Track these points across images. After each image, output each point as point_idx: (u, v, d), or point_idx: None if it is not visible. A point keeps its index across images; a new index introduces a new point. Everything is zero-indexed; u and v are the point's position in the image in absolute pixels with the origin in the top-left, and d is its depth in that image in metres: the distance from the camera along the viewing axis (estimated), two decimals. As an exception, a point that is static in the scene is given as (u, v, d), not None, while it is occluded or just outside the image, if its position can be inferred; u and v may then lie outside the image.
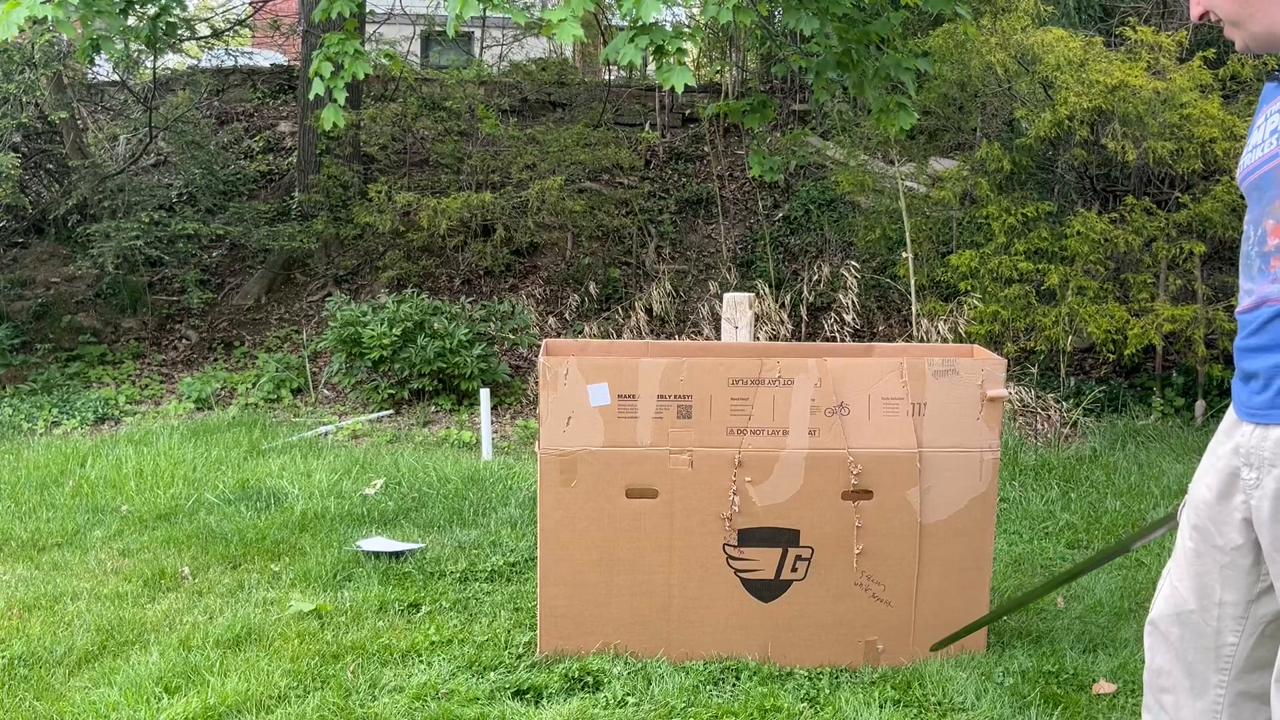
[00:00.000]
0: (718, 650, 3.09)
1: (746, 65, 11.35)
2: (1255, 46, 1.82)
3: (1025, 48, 6.66)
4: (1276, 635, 1.92)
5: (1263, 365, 1.79)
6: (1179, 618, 1.99)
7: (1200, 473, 1.98)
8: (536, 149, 9.02)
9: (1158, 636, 2.04)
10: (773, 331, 7.06)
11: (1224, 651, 1.95)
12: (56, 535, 4.27)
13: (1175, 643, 2.00)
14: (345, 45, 4.73)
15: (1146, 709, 2.11)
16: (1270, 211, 1.77)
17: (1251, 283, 1.83)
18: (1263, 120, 1.83)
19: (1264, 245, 1.79)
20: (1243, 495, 1.85)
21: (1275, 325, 1.78)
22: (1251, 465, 1.81)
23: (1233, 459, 1.86)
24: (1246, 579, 1.90)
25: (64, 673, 3.02)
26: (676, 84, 4.17)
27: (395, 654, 3.13)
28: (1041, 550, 4.18)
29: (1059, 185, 7.37)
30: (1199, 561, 1.95)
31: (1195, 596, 1.96)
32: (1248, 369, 1.84)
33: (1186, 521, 1.99)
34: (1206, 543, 1.93)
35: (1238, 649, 1.94)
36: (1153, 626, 2.06)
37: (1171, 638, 2.01)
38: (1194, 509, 1.97)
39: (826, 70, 5.25)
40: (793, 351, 3.53)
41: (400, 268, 8.59)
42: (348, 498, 4.78)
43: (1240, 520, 1.87)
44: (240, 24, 10.89)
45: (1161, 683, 2.05)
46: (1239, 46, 1.86)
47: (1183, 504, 2.05)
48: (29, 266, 8.58)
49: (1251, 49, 1.84)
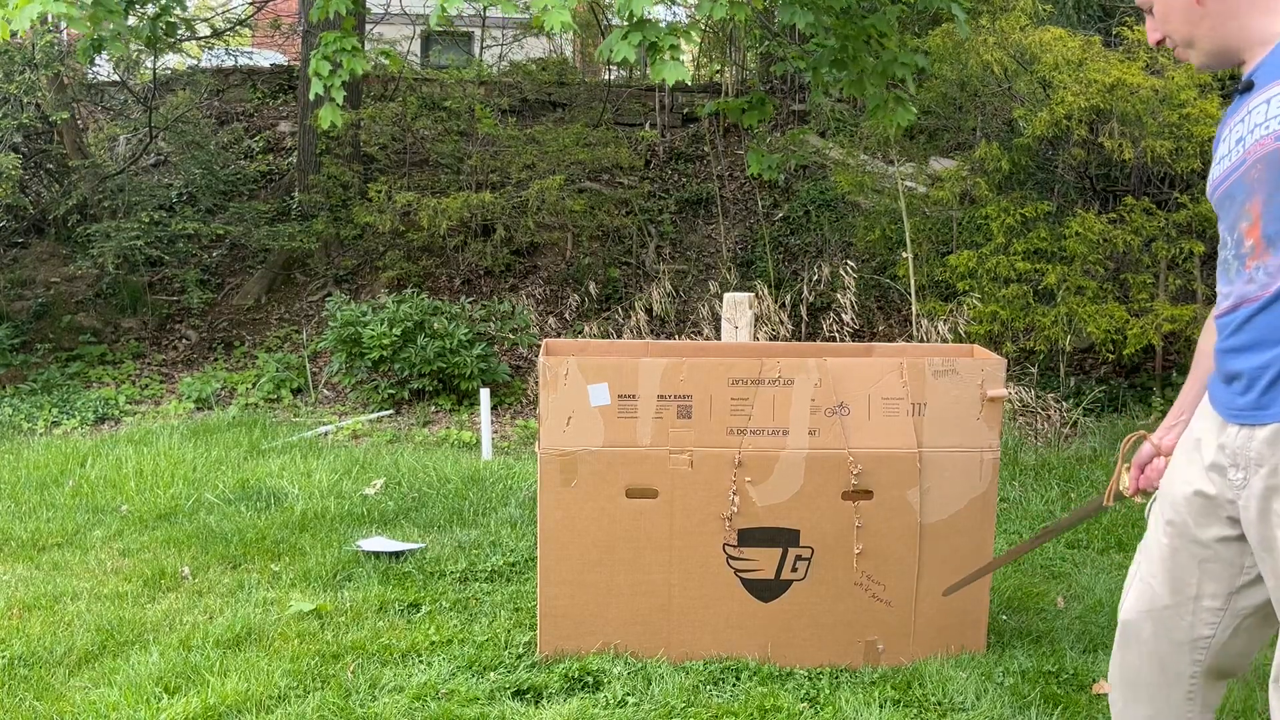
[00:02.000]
0: (718, 650, 3.09)
1: (746, 65, 11.35)
2: (1210, 64, 1.89)
3: (1024, 47, 6.66)
4: (1254, 628, 1.96)
5: (1245, 366, 1.81)
6: (1152, 614, 2.02)
7: (1176, 469, 2.01)
8: (536, 149, 9.02)
9: (1129, 634, 2.07)
10: (772, 331, 7.05)
11: (1199, 644, 1.98)
12: (56, 535, 4.27)
13: (1148, 639, 2.03)
14: (343, 43, 4.74)
15: (1113, 704, 2.15)
16: (1244, 214, 1.80)
17: (1229, 285, 1.86)
18: (1228, 133, 1.87)
19: (1240, 248, 1.82)
20: (1230, 494, 1.87)
21: (1253, 324, 1.80)
22: (1238, 465, 1.83)
23: (1217, 456, 1.88)
24: (1229, 571, 1.93)
25: (64, 673, 3.02)
26: (670, 79, 4.17)
27: (395, 654, 3.13)
28: (1042, 550, 4.18)
29: (1058, 185, 7.37)
30: (1175, 557, 1.97)
31: (1169, 592, 1.98)
32: (1230, 370, 1.86)
33: (1160, 518, 2.02)
34: (1184, 538, 1.96)
35: (1213, 641, 1.98)
36: (1124, 625, 2.08)
37: (1144, 634, 2.04)
38: (1171, 505, 1.99)
39: (823, 67, 5.25)
40: (793, 351, 3.53)
41: (400, 268, 8.59)
42: (348, 498, 4.78)
43: (1225, 517, 1.89)
44: (240, 24, 10.89)
45: (1130, 678, 2.08)
46: (1196, 66, 1.92)
47: (1152, 500, 2.08)
48: (29, 266, 8.58)
49: (1208, 67, 1.90)
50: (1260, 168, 1.74)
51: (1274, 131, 1.71)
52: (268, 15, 11.63)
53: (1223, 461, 1.87)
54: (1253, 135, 1.76)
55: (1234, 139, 1.83)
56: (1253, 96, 1.79)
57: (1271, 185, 1.73)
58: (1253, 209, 1.77)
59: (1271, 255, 1.75)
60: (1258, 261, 1.77)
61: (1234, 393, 1.85)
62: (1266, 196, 1.74)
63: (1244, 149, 1.79)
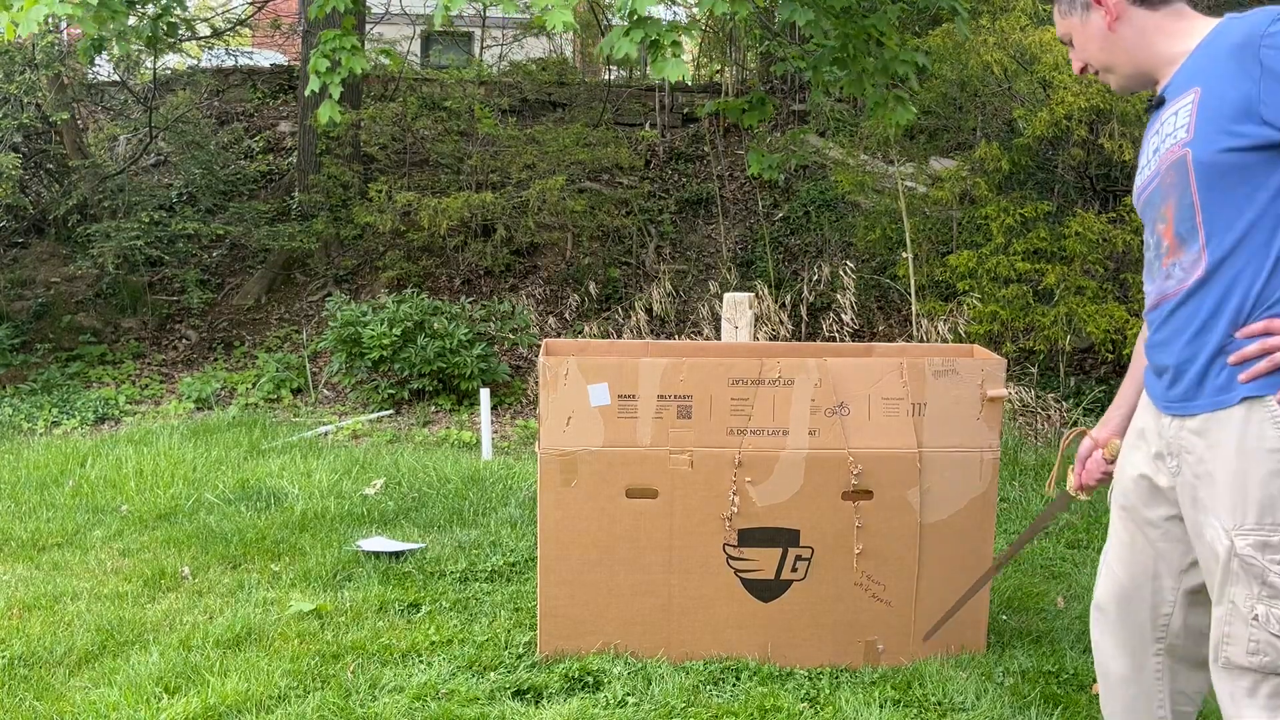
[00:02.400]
0: (718, 650, 3.09)
1: (746, 65, 11.35)
2: (1129, 86, 2.07)
3: (1024, 47, 6.66)
4: (1204, 603, 2.05)
5: (1170, 360, 1.95)
6: (1119, 598, 2.15)
7: (1124, 457, 2.15)
8: (536, 149, 9.02)
9: (1101, 619, 2.20)
10: (772, 331, 7.05)
11: (1159, 623, 2.11)
12: (56, 535, 4.27)
13: (1114, 621, 2.16)
14: (342, 41, 4.74)
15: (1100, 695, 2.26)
16: (1160, 216, 1.96)
17: (1152, 284, 2.01)
18: (1146, 145, 2.03)
19: (1160, 248, 1.98)
20: (1169, 481, 2.00)
21: (1174, 318, 1.94)
22: (1173, 454, 1.97)
23: (1158, 445, 2.02)
24: (1179, 549, 2.05)
25: (64, 673, 3.02)
26: (671, 76, 4.17)
27: (395, 654, 3.13)
28: (1042, 550, 4.18)
29: (1058, 185, 7.37)
30: (1133, 542, 2.11)
31: (1131, 575, 2.12)
32: (1158, 364, 2.00)
33: (1116, 505, 2.15)
34: (1137, 521, 2.09)
35: (1172, 618, 2.10)
36: (1097, 611, 2.22)
37: (1110, 616, 2.17)
38: (1122, 492, 2.13)
39: (823, 65, 5.25)
40: (793, 351, 3.53)
41: (400, 268, 8.59)
42: (348, 498, 4.78)
43: (1171, 500, 2.02)
44: (240, 24, 10.88)
45: (1104, 660, 2.21)
46: (1116, 89, 2.09)
47: (1109, 489, 2.21)
48: (29, 266, 8.58)
49: (1127, 89, 2.08)
50: (1171, 174, 1.91)
51: (1180, 140, 1.88)
52: (268, 15, 11.63)
53: (1162, 450, 2.01)
54: (1165, 145, 1.93)
55: (1151, 150, 2.00)
56: (1164, 110, 1.96)
57: (1180, 189, 1.89)
58: (1167, 211, 1.93)
59: (1184, 252, 1.91)
60: (1173, 259, 1.93)
61: (1164, 385, 1.99)
62: (1177, 200, 1.90)
63: (1158, 158, 1.95)
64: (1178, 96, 1.92)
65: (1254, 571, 1.82)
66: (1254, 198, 1.81)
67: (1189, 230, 1.89)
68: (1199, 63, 1.90)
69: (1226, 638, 1.87)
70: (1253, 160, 1.80)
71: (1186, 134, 1.87)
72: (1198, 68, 1.90)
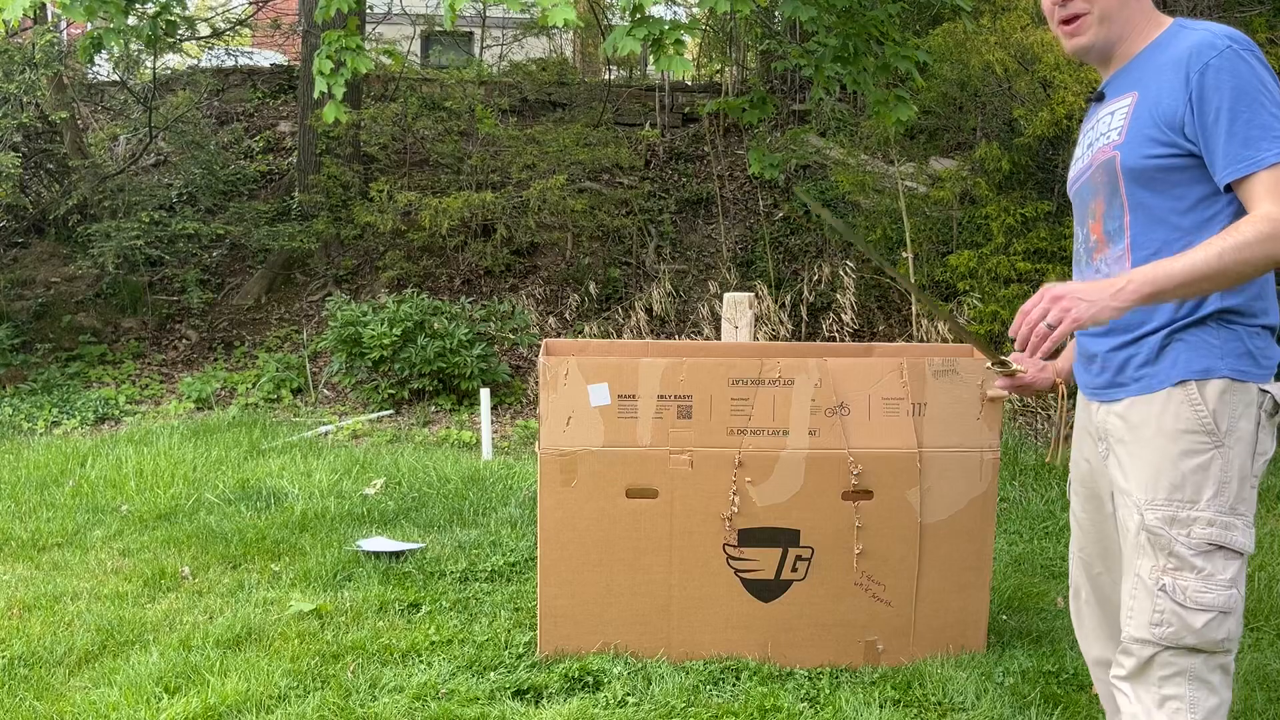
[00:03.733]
0: (718, 650, 3.09)
1: (747, 64, 11.35)
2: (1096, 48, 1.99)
3: (1024, 47, 6.65)
4: None
5: (1097, 348, 2.03)
6: (1089, 583, 2.21)
7: (1074, 447, 2.24)
8: (536, 149, 9.02)
9: (1077, 607, 2.27)
10: (772, 331, 7.05)
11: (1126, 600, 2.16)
12: (56, 535, 4.27)
13: (1088, 598, 2.22)
14: (346, 41, 4.74)
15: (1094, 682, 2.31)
16: (1089, 212, 2.03)
17: (1080, 276, 2.08)
18: (1082, 137, 2.09)
19: (1088, 243, 2.05)
20: (1100, 462, 2.09)
21: None
22: (1102, 438, 2.06)
23: (1091, 429, 2.11)
24: None
25: (64, 673, 3.02)
26: (676, 70, 4.20)
27: (395, 654, 3.13)
28: (1041, 550, 4.18)
29: (1058, 185, 7.36)
30: (1094, 528, 2.18)
31: (1099, 559, 2.18)
32: (1086, 352, 2.09)
33: (1075, 496, 2.23)
34: (1096, 506, 2.16)
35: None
36: (1070, 584, 2.29)
37: (1083, 595, 2.23)
38: (1079, 481, 2.21)
39: (825, 62, 5.25)
40: (793, 351, 3.53)
41: (400, 268, 8.59)
42: (348, 498, 4.78)
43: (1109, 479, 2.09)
44: (240, 24, 10.88)
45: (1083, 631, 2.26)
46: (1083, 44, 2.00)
47: (1068, 482, 2.28)
48: (29, 266, 8.58)
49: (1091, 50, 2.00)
50: (1101, 173, 1.97)
51: (1113, 141, 1.94)
52: (268, 15, 11.63)
53: (1095, 435, 2.10)
54: (1099, 142, 1.99)
55: (1086, 143, 2.06)
56: (1102, 107, 2.01)
57: (1109, 189, 1.96)
58: (1096, 208, 2.01)
59: (1110, 248, 1.98)
60: (1101, 255, 2.01)
61: (1091, 374, 2.07)
62: (1106, 198, 1.97)
63: (1091, 154, 2.01)
64: (1117, 96, 1.98)
65: (1160, 543, 1.88)
66: (1176, 206, 1.89)
67: (1116, 229, 1.96)
68: (1143, 66, 1.95)
69: (1130, 612, 1.93)
70: (1177, 169, 1.87)
71: (1119, 136, 1.93)
72: (1141, 72, 1.94)
